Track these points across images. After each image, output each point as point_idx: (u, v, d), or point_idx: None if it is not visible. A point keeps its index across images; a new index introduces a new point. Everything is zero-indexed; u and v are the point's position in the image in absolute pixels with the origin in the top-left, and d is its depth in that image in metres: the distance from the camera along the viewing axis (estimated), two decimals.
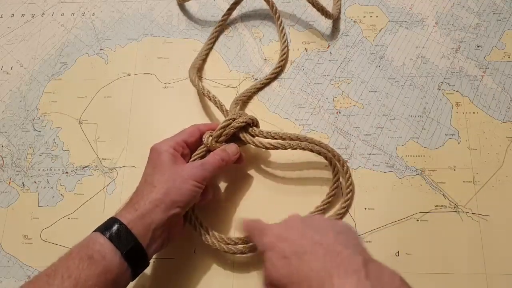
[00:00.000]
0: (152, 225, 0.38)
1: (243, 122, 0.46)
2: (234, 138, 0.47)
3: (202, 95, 0.52)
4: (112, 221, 0.38)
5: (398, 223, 0.47)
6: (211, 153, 0.45)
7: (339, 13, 0.58)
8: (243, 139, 0.47)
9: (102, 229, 0.38)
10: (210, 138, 0.46)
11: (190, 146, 0.46)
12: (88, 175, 0.52)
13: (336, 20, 0.58)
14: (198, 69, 0.55)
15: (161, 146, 0.43)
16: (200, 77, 0.55)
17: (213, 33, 0.57)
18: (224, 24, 0.58)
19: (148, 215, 0.38)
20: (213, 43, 0.58)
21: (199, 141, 0.47)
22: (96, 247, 0.36)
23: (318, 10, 0.55)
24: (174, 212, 0.40)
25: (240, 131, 0.47)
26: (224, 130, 0.46)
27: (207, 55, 0.57)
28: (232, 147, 0.46)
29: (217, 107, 0.50)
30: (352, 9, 0.59)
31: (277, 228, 0.37)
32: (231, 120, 0.46)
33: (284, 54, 0.55)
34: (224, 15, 0.58)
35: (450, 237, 0.46)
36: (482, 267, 0.45)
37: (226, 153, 0.45)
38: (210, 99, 0.50)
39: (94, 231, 0.38)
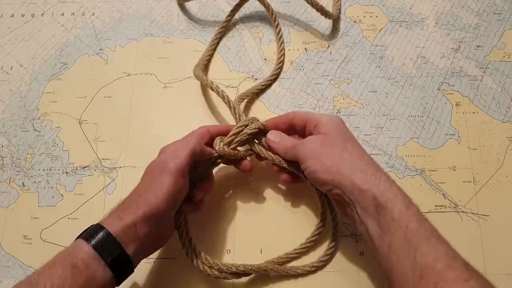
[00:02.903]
0: (137, 234, 0.38)
1: (255, 128, 0.45)
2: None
3: (208, 89, 0.50)
4: (97, 228, 0.37)
5: None
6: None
7: (339, 13, 0.58)
8: (254, 149, 0.46)
9: (87, 236, 0.36)
10: (221, 143, 0.44)
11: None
12: (88, 175, 0.52)
13: (336, 20, 0.58)
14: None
15: (166, 150, 0.42)
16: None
17: (216, 34, 0.57)
18: (226, 26, 0.58)
19: (132, 225, 0.37)
20: (216, 44, 0.57)
21: (209, 144, 0.45)
22: (80, 255, 0.35)
23: (318, 10, 0.55)
24: (159, 220, 0.39)
25: (251, 139, 0.45)
26: (236, 137, 0.45)
27: (210, 55, 0.56)
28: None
29: (225, 103, 0.48)
30: (352, 9, 0.59)
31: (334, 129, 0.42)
32: (243, 127, 0.45)
33: (281, 56, 0.55)
34: (227, 16, 0.58)
35: (450, 237, 0.46)
36: (482, 267, 0.45)
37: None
38: (218, 94, 0.48)
39: (78, 237, 0.37)
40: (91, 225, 0.39)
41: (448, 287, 0.32)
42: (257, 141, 0.46)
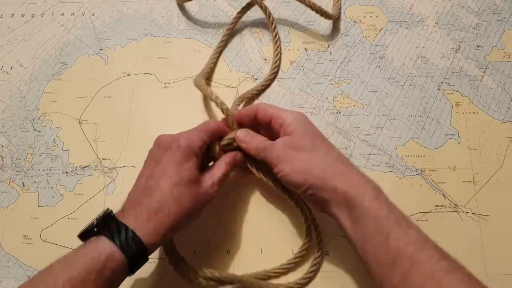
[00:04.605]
0: (165, 239, 0.38)
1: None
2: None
3: (209, 100, 0.49)
4: (125, 230, 0.36)
5: None
6: (219, 164, 0.44)
7: (339, 13, 0.58)
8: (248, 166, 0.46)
9: (111, 235, 0.35)
10: (217, 147, 0.44)
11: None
12: (88, 175, 0.52)
13: (336, 20, 0.58)
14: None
15: (193, 146, 0.41)
16: (208, 80, 0.55)
17: (221, 41, 0.57)
18: (230, 32, 0.58)
19: (166, 237, 0.38)
20: (219, 53, 0.57)
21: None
22: (109, 263, 0.34)
23: (317, 12, 0.55)
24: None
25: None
26: (230, 144, 0.45)
27: (215, 63, 0.56)
28: (240, 157, 0.45)
29: (225, 114, 0.46)
30: (352, 9, 0.59)
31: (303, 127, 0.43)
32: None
33: (276, 61, 0.55)
34: (231, 23, 0.57)
35: (450, 237, 0.46)
36: (482, 267, 0.45)
37: (234, 162, 0.44)
38: (217, 105, 0.46)
39: (101, 233, 0.36)
40: (106, 212, 0.37)
41: (422, 268, 0.33)
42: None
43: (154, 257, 0.47)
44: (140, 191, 0.39)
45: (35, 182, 0.52)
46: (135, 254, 0.35)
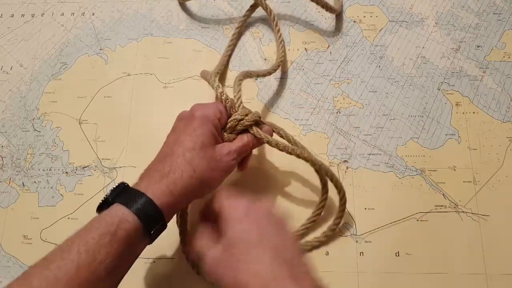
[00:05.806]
0: (181, 206, 0.39)
1: (253, 120, 0.44)
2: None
3: (209, 84, 0.49)
4: (142, 196, 0.36)
5: (398, 223, 0.47)
6: (241, 135, 0.44)
7: (342, 8, 0.58)
8: (256, 134, 0.44)
9: (129, 202, 0.35)
10: (223, 131, 0.44)
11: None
12: (88, 175, 0.52)
13: (336, 20, 0.58)
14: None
15: (209, 115, 0.41)
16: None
17: (230, 43, 0.57)
18: (239, 32, 0.57)
19: (182, 201, 0.38)
20: (232, 49, 0.57)
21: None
22: (122, 225, 0.34)
23: (318, 3, 0.55)
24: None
25: (251, 127, 0.45)
26: (238, 123, 0.44)
27: (225, 66, 0.56)
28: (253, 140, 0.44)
29: (218, 98, 0.46)
30: (352, 9, 0.59)
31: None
32: (244, 116, 0.44)
33: (281, 56, 0.55)
34: (240, 21, 0.57)
35: (450, 237, 0.46)
36: (482, 267, 0.45)
37: (250, 141, 0.44)
38: (214, 89, 0.47)
39: (116, 201, 0.36)
40: (121, 183, 0.38)
41: None
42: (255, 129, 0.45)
43: (153, 257, 0.47)
44: (155, 159, 0.40)
45: (35, 182, 0.52)
46: (147, 214, 0.35)
